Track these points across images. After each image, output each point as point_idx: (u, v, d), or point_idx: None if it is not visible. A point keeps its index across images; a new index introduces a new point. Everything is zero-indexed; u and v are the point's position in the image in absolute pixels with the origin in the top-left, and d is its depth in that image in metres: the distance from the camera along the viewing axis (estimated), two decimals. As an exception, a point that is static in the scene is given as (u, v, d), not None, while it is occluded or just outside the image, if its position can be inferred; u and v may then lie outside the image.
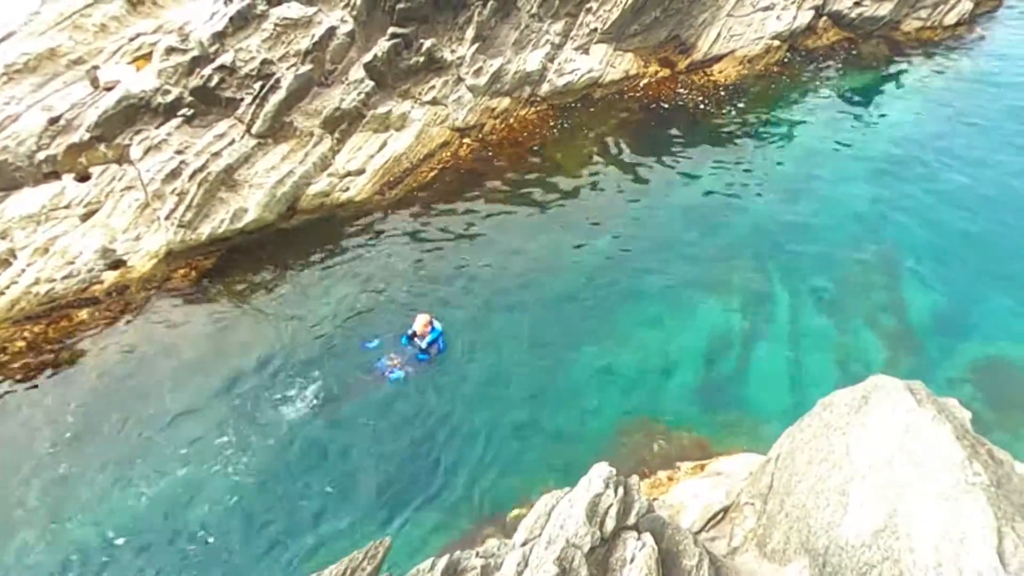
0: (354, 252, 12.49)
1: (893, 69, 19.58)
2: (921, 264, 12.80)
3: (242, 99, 12.85)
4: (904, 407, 6.00)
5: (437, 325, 10.48)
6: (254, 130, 12.77)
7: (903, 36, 21.02)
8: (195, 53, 12.72)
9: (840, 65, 19.41)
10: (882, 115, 17.48)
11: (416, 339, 10.41)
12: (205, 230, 11.99)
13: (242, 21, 13.20)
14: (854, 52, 20.02)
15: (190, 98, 12.55)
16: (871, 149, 16.10)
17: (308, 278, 11.95)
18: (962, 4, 21.60)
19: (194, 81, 12.54)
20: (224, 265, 12.18)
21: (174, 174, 11.97)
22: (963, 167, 15.55)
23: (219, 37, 12.90)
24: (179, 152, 12.20)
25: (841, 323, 11.64)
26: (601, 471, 6.36)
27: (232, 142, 12.59)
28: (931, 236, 13.53)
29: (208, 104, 12.71)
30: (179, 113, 12.48)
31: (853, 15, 20.40)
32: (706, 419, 10.27)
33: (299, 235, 12.82)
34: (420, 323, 10.37)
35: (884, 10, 20.46)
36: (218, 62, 12.66)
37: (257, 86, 12.84)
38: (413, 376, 10.30)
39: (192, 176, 11.95)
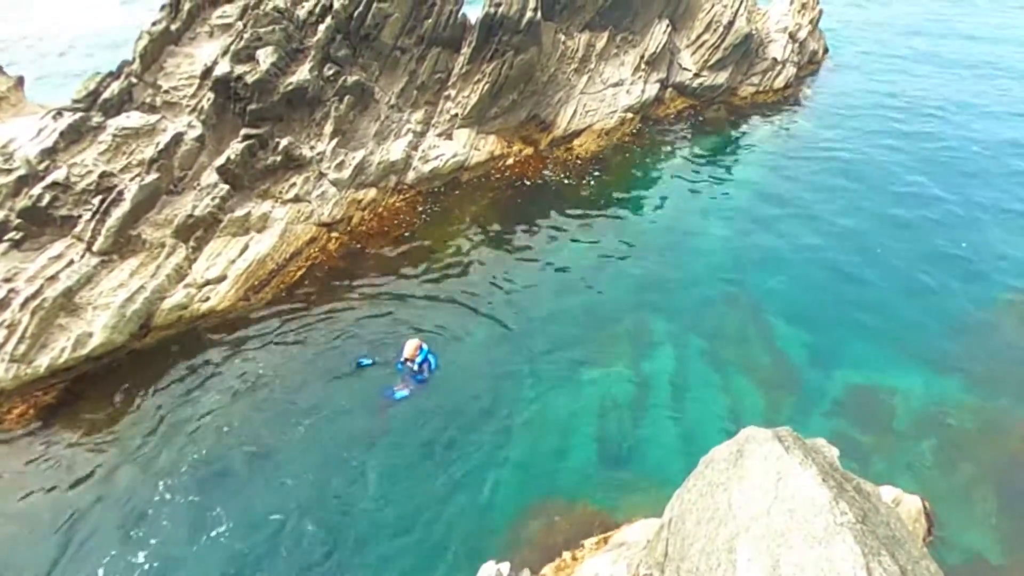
0: (219, 364, 11.61)
1: (734, 131, 21.32)
2: (785, 310, 13.47)
3: (80, 216, 11.94)
4: (774, 455, 5.98)
5: (425, 346, 11.15)
6: (96, 247, 11.83)
7: (741, 100, 23.07)
8: (21, 172, 11.76)
9: (688, 131, 20.90)
10: (729, 174, 18.81)
11: (409, 363, 11.03)
12: (43, 362, 10.79)
13: (75, 135, 12.42)
14: (699, 118, 21.68)
15: (18, 220, 11.51)
16: (723, 206, 17.16)
17: (168, 399, 10.94)
18: (787, 69, 24.10)
19: (21, 202, 11.55)
20: (69, 398, 10.98)
21: (2, 305, 10.81)
22: (803, 215, 16.89)
23: (49, 153, 12.03)
24: (7, 280, 11.06)
25: (722, 375, 11.93)
26: (488, 571, 5.99)
27: (71, 263, 11.59)
28: (789, 282, 14.36)
29: (40, 225, 11.70)
30: (5, 238, 11.40)
31: (695, 85, 22.20)
32: (606, 490, 10.10)
33: (156, 354, 11.81)
34: (410, 348, 11.01)
35: (721, 79, 22.41)
36: (49, 179, 11.76)
37: (96, 201, 12.00)
38: (417, 393, 10.99)
39: (24, 304, 10.83)
